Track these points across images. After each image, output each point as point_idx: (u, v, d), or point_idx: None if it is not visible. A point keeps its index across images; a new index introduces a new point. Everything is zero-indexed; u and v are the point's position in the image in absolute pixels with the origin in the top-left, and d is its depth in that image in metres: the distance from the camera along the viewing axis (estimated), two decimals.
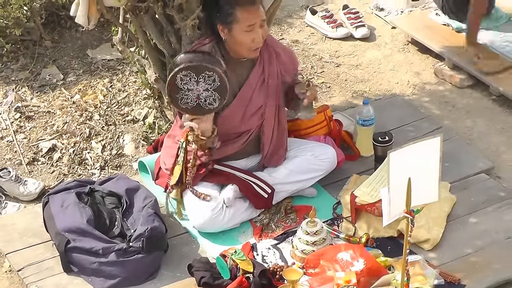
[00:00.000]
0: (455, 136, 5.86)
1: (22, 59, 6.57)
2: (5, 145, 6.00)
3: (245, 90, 5.24)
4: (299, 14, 7.00)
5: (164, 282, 5.00)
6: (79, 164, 5.85)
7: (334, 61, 6.61)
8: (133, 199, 5.25)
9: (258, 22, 5.07)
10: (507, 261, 5.00)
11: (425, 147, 4.48)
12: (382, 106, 6.03)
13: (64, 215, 5.11)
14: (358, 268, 4.78)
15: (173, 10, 5.36)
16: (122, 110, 6.16)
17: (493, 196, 5.42)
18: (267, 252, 5.11)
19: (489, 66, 6.33)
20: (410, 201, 4.41)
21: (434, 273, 4.86)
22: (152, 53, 5.63)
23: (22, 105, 6.25)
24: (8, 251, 5.19)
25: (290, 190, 5.40)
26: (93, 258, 4.98)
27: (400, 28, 6.82)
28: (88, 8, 5.41)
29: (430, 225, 5.15)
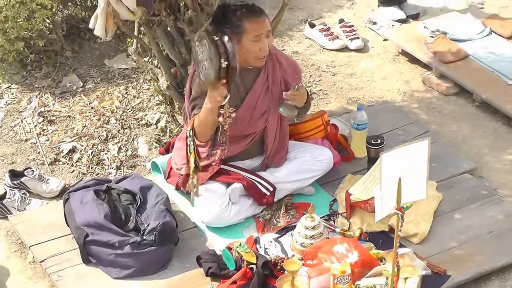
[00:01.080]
0: (442, 140, 5.84)
1: (45, 68, 6.56)
2: (29, 147, 5.98)
3: (251, 96, 5.22)
4: (299, 27, 6.99)
5: (175, 272, 4.98)
6: (97, 164, 5.83)
7: (331, 70, 6.60)
8: (147, 196, 5.24)
9: (264, 32, 5.07)
10: (488, 254, 5.00)
11: (414, 149, 4.47)
12: (375, 111, 6.01)
13: (83, 211, 5.11)
14: (353, 260, 4.78)
15: (184, 23, 5.36)
16: (136, 115, 6.14)
17: (476, 194, 5.41)
18: (269, 245, 5.09)
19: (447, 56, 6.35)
20: (400, 199, 4.40)
21: (422, 264, 4.86)
22: (164, 63, 5.62)
23: (44, 110, 6.24)
24: (32, 243, 5.17)
25: (290, 188, 5.40)
26: (110, 250, 4.98)
27: (391, 40, 6.81)
28: (105, 21, 5.40)
29: (418, 221, 5.15)
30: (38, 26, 6.36)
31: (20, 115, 6.22)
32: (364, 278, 4.76)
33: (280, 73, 5.29)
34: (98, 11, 5.40)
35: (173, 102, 5.81)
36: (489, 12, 6.86)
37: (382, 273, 4.76)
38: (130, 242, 4.97)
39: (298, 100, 5.20)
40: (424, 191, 4.53)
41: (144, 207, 5.19)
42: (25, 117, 6.19)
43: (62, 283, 4.95)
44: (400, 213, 4.44)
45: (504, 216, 5.24)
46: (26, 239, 5.22)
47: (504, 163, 5.74)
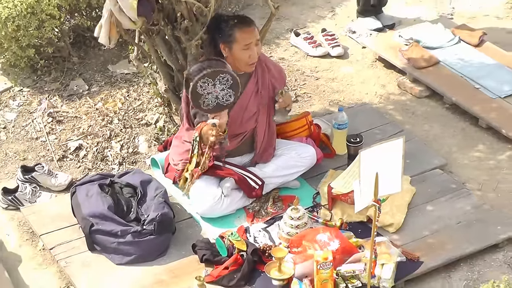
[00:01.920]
0: (415, 138, 5.84)
1: (53, 73, 6.55)
2: (39, 145, 5.97)
3: (243, 98, 5.22)
4: (285, 36, 6.98)
5: (172, 259, 4.99)
6: (101, 160, 5.82)
7: (314, 75, 6.59)
8: (146, 189, 5.24)
9: (254, 41, 5.08)
10: (457, 242, 5.01)
11: (390, 147, 4.47)
12: (354, 112, 6.01)
13: (88, 203, 5.12)
14: (334, 248, 4.78)
15: (180, 32, 5.35)
16: (137, 115, 6.14)
17: (446, 188, 5.42)
18: (258, 234, 5.09)
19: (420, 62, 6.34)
20: (377, 192, 4.41)
21: (397, 251, 4.87)
22: (162, 68, 5.61)
23: (53, 111, 6.22)
24: (41, 232, 5.17)
25: (277, 182, 5.40)
26: (113, 238, 4.99)
27: (369, 47, 6.81)
28: (109, 30, 5.40)
29: (394, 212, 5.15)
30: (48, 35, 6.35)
31: (31, 116, 6.21)
32: (345, 264, 4.77)
33: (269, 77, 5.30)
34: (102, 21, 5.40)
35: (171, 103, 5.81)
36: (458, 22, 6.87)
37: (361, 259, 4.76)
38: (131, 231, 4.98)
39: (287, 102, 5.26)
40: (399, 185, 4.54)
41: (144, 199, 5.19)
42: (35, 118, 6.18)
43: (69, 269, 4.94)
44: (377, 205, 4.45)
45: (472, 208, 5.25)
46: (37, 228, 5.22)
47: (472, 160, 5.75)
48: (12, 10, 6.16)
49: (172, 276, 4.87)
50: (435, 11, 7.04)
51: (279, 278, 4.75)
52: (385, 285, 4.71)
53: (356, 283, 4.72)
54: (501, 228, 5.11)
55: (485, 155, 5.79)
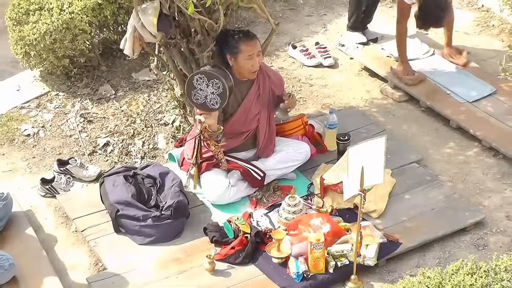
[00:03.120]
0: (395, 137, 5.84)
1: (85, 80, 6.55)
2: (73, 141, 5.97)
3: (246, 101, 5.23)
4: (284, 49, 6.98)
5: (186, 240, 5.01)
6: (125, 155, 5.82)
7: (309, 82, 6.59)
8: (165, 180, 5.24)
9: (256, 52, 5.09)
10: (431, 226, 5.03)
11: (373, 144, 4.49)
12: (343, 114, 6.00)
13: (115, 192, 5.12)
14: (325, 231, 4.79)
15: (194, 45, 5.36)
16: (156, 116, 6.14)
17: (422, 179, 5.42)
18: (260, 218, 5.10)
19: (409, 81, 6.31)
20: (363, 183, 4.43)
21: (380, 234, 4.89)
22: (178, 76, 5.61)
23: (85, 112, 6.23)
24: (74, 217, 5.19)
25: (277, 174, 5.40)
26: (136, 222, 5.00)
27: (356, 59, 6.80)
28: (133, 43, 5.40)
29: (377, 200, 5.16)
30: (80, 47, 6.35)
31: (66, 116, 6.20)
32: (334, 245, 4.78)
33: (269, 84, 5.31)
34: (127, 35, 5.40)
35: (186, 106, 5.80)
36: (432, 37, 6.85)
37: (349, 241, 4.78)
38: (151, 216, 4.99)
39: (292, 105, 5.30)
40: (381, 177, 4.56)
41: (162, 188, 5.20)
42: (69, 118, 6.18)
43: (98, 248, 4.96)
44: (362, 194, 4.47)
45: (444, 197, 5.26)
46: (70, 213, 5.23)
47: (443, 155, 5.75)
48: (50, 26, 6.16)
49: (186, 255, 4.88)
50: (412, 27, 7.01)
51: (278, 256, 4.76)
52: (369, 263, 4.72)
53: (344, 261, 4.72)
54: (469, 214, 5.12)
55: (455, 152, 5.78)
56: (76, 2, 6.27)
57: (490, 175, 5.55)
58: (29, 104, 6.35)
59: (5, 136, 6.03)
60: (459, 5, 7.52)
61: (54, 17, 6.20)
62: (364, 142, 4.51)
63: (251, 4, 4.98)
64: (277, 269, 4.72)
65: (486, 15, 7.34)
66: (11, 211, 5.12)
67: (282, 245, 4.81)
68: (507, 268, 3.88)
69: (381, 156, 4.49)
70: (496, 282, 3.78)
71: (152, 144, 5.91)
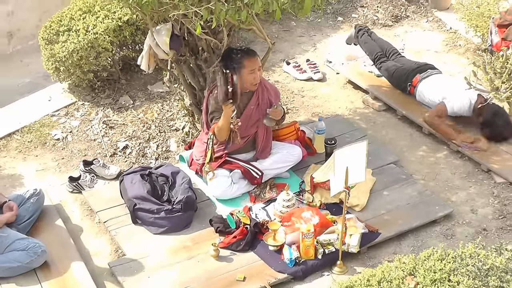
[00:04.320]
0: (375, 141, 5.83)
1: (107, 91, 6.55)
2: (96, 144, 5.97)
3: (247, 110, 5.23)
4: (279, 65, 6.99)
5: (194, 230, 5.01)
6: (142, 156, 5.82)
7: (301, 94, 6.59)
8: (176, 178, 5.25)
9: (257, 67, 5.11)
10: (406, 218, 5.04)
11: (356, 147, 4.50)
12: (330, 122, 6.00)
13: (132, 188, 5.13)
14: (315, 222, 4.79)
15: (201, 61, 5.37)
16: (169, 123, 6.13)
17: (398, 178, 5.42)
18: (259, 211, 5.09)
19: (481, 146, 5.70)
20: (347, 181, 4.43)
21: (362, 225, 4.89)
22: (188, 88, 5.62)
23: (107, 120, 6.23)
24: (98, 210, 5.19)
25: (273, 173, 5.39)
26: (150, 214, 5.00)
27: (341, 73, 6.81)
28: (148, 59, 5.43)
29: (359, 196, 5.15)
30: (103, 63, 6.35)
31: (90, 123, 6.20)
32: (323, 234, 4.78)
33: (267, 95, 5.31)
34: (143, 52, 5.41)
35: (194, 114, 5.80)
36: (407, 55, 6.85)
37: (335, 231, 4.78)
38: (164, 209, 4.99)
39: (276, 116, 5.27)
40: (363, 176, 4.56)
41: (174, 185, 5.20)
42: (93, 124, 6.18)
43: (118, 237, 4.96)
44: (347, 190, 4.48)
45: (417, 193, 5.26)
46: (94, 206, 5.24)
47: (417, 157, 5.74)
48: (77, 45, 6.16)
49: (194, 243, 4.88)
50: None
51: (274, 244, 4.76)
52: (353, 250, 4.72)
53: (331, 249, 4.72)
54: (439, 208, 5.12)
55: (427, 154, 5.78)
56: (100, 24, 6.27)
57: (457, 174, 5.55)
58: (58, 113, 6.35)
59: (38, 140, 6.03)
60: (430, 28, 7.53)
61: (80, 37, 6.20)
62: (348, 145, 4.51)
63: (250, 26, 4.98)
64: (273, 256, 4.72)
65: (453, 36, 7.35)
66: (43, 205, 5.11)
67: (277, 234, 4.81)
68: (471, 255, 3.88)
69: (363, 158, 4.50)
70: (462, 267, 3.78)
71: (165, 147, 5.91)
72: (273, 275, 4.60)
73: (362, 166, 4.50)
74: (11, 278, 4.59)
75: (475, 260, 3.83)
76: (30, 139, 6.04)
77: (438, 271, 3.77)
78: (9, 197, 4.99)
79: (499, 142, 5.72)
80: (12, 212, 4.83)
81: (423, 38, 7.39)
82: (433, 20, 7.63)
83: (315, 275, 4.66)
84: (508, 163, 5.51)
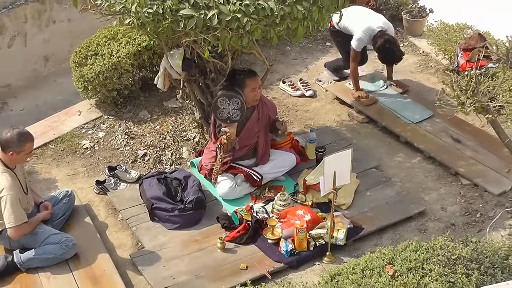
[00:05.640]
0: (359, 148, 5.83)
1: (128, 107, 6.55)
2: (119, 152, 5.97)
3: (249, 123, 5.23)
4: (276, 83, 6.99)
5: (203, 226, 5.01)
6: (158, 163, 5.82)
7: (295, 108, 6.59)
8: (187, 181, 5.24)
9: (257, 86, 5.12)
10: (386, 215, 5.04)
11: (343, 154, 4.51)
12: (320, 132, 6.00)
13: (150, 190, 5.13)
14: (307, 219, 4.81)
15: (209, 81, 5.38)
16: (181, 134, 6.13)
17: (379, 181, 5.43)
18: (259, 210, 5.08)
19: (366, 102, 6.35)
20: (335, 183, 4.43)
21: (348, 221, 4.90)
22: (197, 104, 5.62)
23: (128, 131, 6.23)
24: (121, 208, 5.21)
25: (271, 177, 5.38)
26: (166, 213, 5.01)
27: (330, 91, 6.80)
28: (164, 79, 5.44)
29: (345, 196, 5.16)
30: (125, 82, 6.37)
31: (114, 134, 6.21)
32: (314, 229, 4.79)
33: (266, 110, 5.32)
34: (159, 73, 5.44)
35: (203, 126, 5.80)
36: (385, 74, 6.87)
37: (324, 226, 4.79)
38: (177, 208, 5.00)
39: (285, 129, 5.34)
40: (348, 179, 4.57)
41: (186, 187, 5.19)
42: (117, 135, 6.18)
43: (138, 232, 4.97)
44: (335, 191, 4.48)
45: (395, 193, 5.26)
46: (117, 206, 5.24)
47: (395, 163, 5.74)
48: (102, 67, 6.18)
49: (204, 237, 4.89)
50: (371, 68, 7.03)
51: (272, 238, 4.77)
52: (340, 243, 4.73)
53: (321, 242, 4.74)
54: (413, 206, 5.13)
55: (403, 160, 5.79)
56: (122, 49, 6.29)
57: (429, 177, 5.56)
58: (87, 125, 6.36)
59: (70, 149, 6.04)
60: (406, 51, 7.53)
61: (105, 60, 6.22)
62: (335, 153, 4.52)
63: (251, 50, 5.00)
64: (271, 248, 4.73)
65: (425, 58, 7.36)
66: (74, 205, 5.13)
67: (275, 229, 4.81)
68: (442, 246, 3.89)
69: (348, 163, 4.50)
70: (433, 257, 3.79)
71: (178, 154, 5.91)
72: (272, 265, 4.61)
73: (347, 171, 4.51)
74: (47, 268, 4.60)
75: (445, 251, 3.84)
76: (63, 148, 6.05)
77: (413, 260, 3.78)
78: (45, 198, 5.01)
79: (391, 64, 6.47)
80: (48, 211, 4.84)
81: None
82: (408, 44, 7.64)
83: (308, 264, 4.67)
84: (473, 167, 5.52)
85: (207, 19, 4.24)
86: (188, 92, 5.67)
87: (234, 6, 4.23)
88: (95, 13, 4.75)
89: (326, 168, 4.41)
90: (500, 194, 5.24)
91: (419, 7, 7.76)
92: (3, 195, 4.48)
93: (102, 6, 4.51)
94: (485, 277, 3.69)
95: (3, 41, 6.76)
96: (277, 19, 4.35)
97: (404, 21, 7.73)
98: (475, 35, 6.63)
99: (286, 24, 4.46)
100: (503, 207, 5.09)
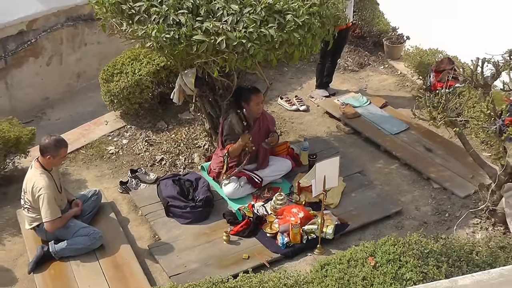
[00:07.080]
0: (345, 156, 5.81)
1: (148, 118, 6.55)
2: (140, 157, 5.96)
3: (252, 133, 5.20)
4: (275, 99, 6.99)
5: (211, 221, 4.99)
6: (173, 166, 5.80)
7: (291, 121, 6.59)
8: (198, 182, 5.23)
9: (260, 101, 5.12)
10: (368, 213, 5.01)
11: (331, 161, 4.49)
12: (312, 141, 6.00)
13: (166, 190, 5.11)
14: (301, 216, 4.79)
15: (218, 96, 5.37)
16: (193, 142, 6.13)
17: (362, 184, 5.40)
18: (259, 208, 5.07)
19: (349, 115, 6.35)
20: (325, 185, 4.42)
21: (335, 218, 4.88)
22: (207, 116, 5.62)
23: (148, 139, 6.22)
24: (141, 206, 5.18)
25: (270, 179, 5.36)
26: (179, 210, 4.99)
27: (321, 106, 6.80)
28: (179, 95, 5.42)
29: (333, 196, 5.15)
30: (145, 97, 6.36)
31: (136, 141, 6.20)
32: (306, 225, 4.77)
33: (266, 122, 5.30)
34: (175, 89, 5.43)
35: (212, 135, 5.79)
36: (369, 93, 6.86)
37: (315, 223, 4.76)
38: (189, 206, 4.97)
39: (272, 142, 5.27)
40: (336, 182, 4.56)
41: (197, 188, 5.18)
42: (138, 142, 6.17)
43: (155, 226, 4.95)
44: (324, 193, 4.46)
45: (376, 195, 5.24)
46: (138, 203, 5.22)
47: (376, 168, 5.72)
48: (126, 83, 6.18)
49: (212, 231, 4.86)
50: (356, 86, 7.03)
51: (270, 232, 4.75)
52: (329, 237, 4.71)
53: (313, 236, 4.71)
54: (392, 206, 5.11)
55: (383, 166, 5.77)
56: (143, 68, 6.29)
57: (405, 181, 5.54)
58: (113, 133, 6.35)
59: (98, 153, 6.03)
60: (386, 72, 7.54)
61: (129, 77, 6.22)
62: (325, 159, 4.51)
63: (254, 70, 5.00)
64: (270, 240, 4.71)
65: (403, 78, 7.36)
66: (101, 202, 5.11)
67: (273, 225, 4.80)
68: (416, 241, 3.88)
69: (337, 168, 4.50)
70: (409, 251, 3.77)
71: (190, 159, 5.89)
72: (270, 255, 4.59)
73: (335, 175, 4.50)
74: (77, 257, 4.59)
75: (419, 245, 3.83)
76: (92, 153, 6.04)
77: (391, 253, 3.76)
78: (76, 196, 5.00)
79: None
80: (78, 208, 4.83)
81: (381, 80, 7.39)
82: (388, 67, 7.63)
83: (301, 255, 4.65)
84: (442, 173, 5.50)
85: (217, 44, 4.26)
86: (199, 106, 5.66)
87: (240, 33, 4.26)
88: (120, 37, 4.76)
89: (317, 173, 4.40)
90: (465, 196, 5.22)
91: (398, 35, 7.77)
92: (41, 193, 4.47)
93: (127, 31, 4.52)
94: (453, 269, 3.67)
95: (43, 60, 6.77)
96: (277, 44, 4.39)
97: (385, 47, 7.73)
98: (445, 59, 6.65)
99: (284, 49, 4.49)
100: (468, 208, 5.07)
